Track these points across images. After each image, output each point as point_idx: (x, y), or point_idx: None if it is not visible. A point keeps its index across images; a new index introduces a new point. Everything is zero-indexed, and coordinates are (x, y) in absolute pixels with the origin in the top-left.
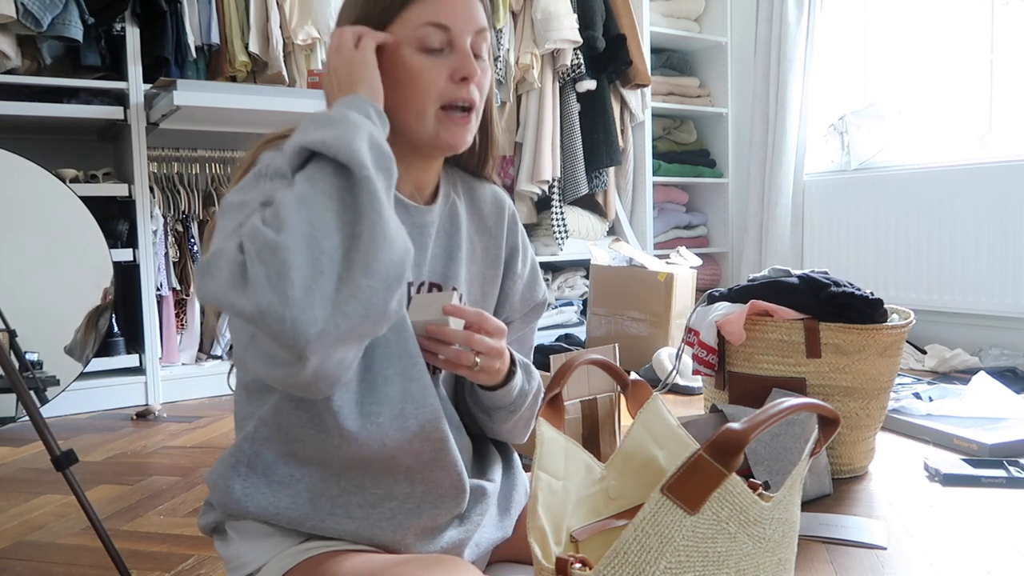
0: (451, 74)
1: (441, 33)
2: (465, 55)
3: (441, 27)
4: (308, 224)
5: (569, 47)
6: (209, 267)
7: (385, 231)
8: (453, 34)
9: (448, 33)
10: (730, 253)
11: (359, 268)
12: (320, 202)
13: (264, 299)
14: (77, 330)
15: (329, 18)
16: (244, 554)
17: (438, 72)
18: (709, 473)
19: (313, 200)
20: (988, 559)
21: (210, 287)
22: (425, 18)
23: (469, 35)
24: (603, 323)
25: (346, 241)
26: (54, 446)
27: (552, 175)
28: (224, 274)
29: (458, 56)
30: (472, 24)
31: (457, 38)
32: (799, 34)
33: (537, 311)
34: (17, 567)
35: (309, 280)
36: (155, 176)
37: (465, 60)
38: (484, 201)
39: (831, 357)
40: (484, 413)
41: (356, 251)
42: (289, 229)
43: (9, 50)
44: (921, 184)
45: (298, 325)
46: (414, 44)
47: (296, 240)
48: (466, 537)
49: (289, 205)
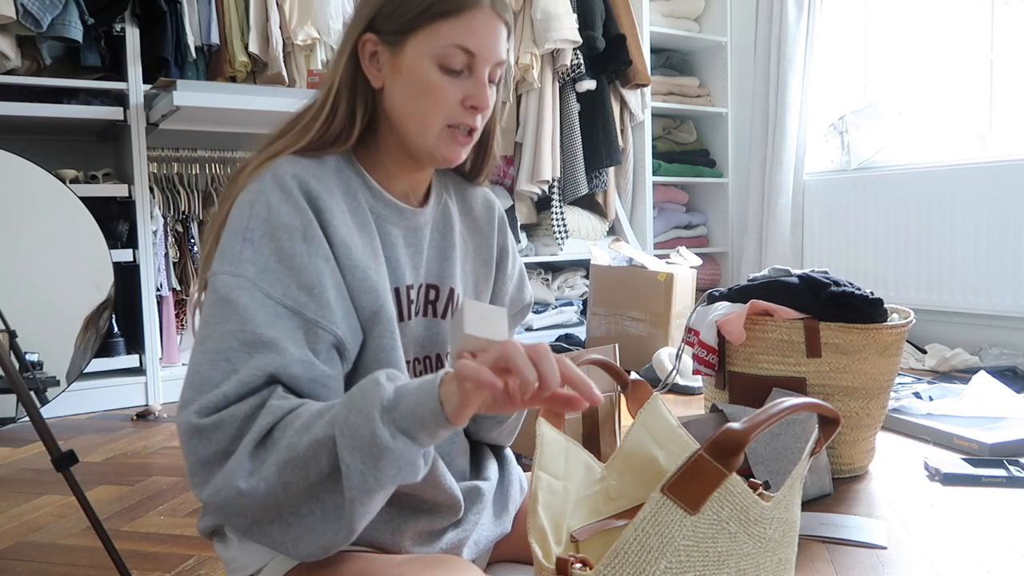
0: (464, 98)
1: (465, 57)
2: (482, 85)
3: (467, 52)
4: (281, 486)
5: (569, 47)
6: (200, 431)
7: (339, 525)
8: (476, 61)
9: (472, 59)
10: (730, 253)
11: (297, 536)
12: (305, 477)
13: (213, 500)
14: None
15: (329, 18)
16: (244, 556)
17: (452, 93)
18: (709, 473)
19: (301, 472)
20: (988, 559)
21: (192, 449)
22: (454, 39)
23: (490, 65)
24: (603, 323)
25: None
26: (54, 447)
27: (552, 175)
28: (202, 452)
29: (475, 84)
30: (495, 55)
31: (479, 66)
32: (799, 34)
33: (523, 313)
34: (17, 567)
35: (253, 511)
36: (155, 176)
37: (481, 90)
38: (475, 202)
39: (831, 357)
40: (472, 422)
41: (307, 519)
42: (262, 483)
43: (9, 51)
44: (921, 184)
45: (230, 522)
46: (436, 60)
47: (259, 494)
48: (464, 537)
49: (273, 464)
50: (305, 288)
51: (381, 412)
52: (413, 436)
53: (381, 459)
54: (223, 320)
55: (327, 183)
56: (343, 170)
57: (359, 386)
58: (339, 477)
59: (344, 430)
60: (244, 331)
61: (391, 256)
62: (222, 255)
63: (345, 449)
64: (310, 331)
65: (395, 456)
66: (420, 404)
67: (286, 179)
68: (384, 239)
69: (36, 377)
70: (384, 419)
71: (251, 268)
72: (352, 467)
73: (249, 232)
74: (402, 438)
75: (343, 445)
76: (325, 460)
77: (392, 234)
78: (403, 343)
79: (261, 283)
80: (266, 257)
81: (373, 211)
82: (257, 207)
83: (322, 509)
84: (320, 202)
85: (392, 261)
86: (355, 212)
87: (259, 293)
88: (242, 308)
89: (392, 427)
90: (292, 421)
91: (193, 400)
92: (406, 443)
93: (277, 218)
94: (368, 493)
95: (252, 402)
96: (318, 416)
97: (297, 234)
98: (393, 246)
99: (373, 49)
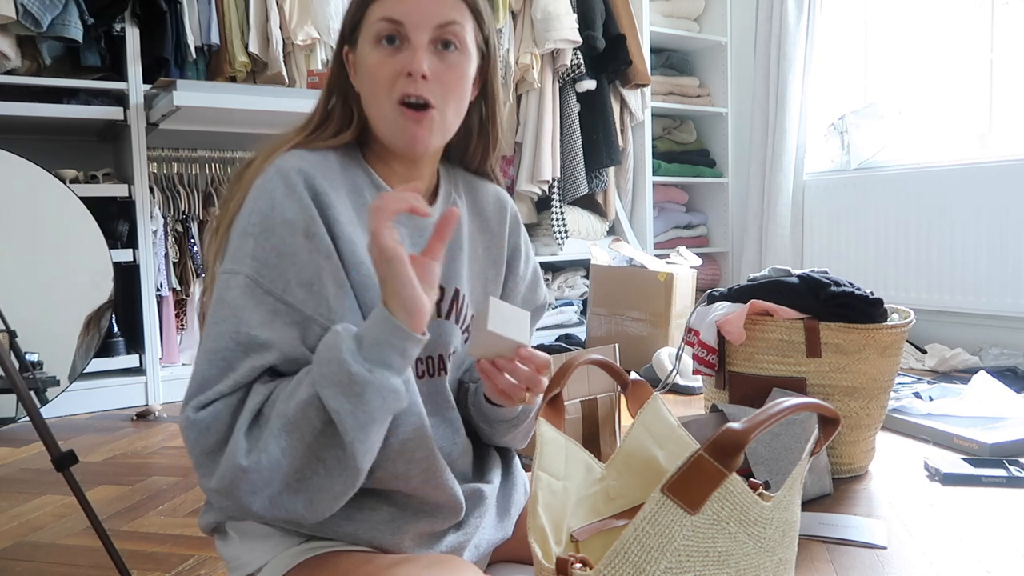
0: (401, 68)
1: (393, 27)
2: (416, 49)
3: (393, 21)
4: (280, 453)
5: (569, 47)
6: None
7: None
8: (407, 28)
9: (402, 27)
10: (730, 253)
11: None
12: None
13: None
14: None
15: (329, 18)
16: (245, 554)
17: (390, 67)
18: (709, 473)
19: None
20: (988, 559)
21: (193, 442)
22: (381, 13)
23: (427, 30)
24: (603, 323)
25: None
26: (54, 447)
27: (552, 175)
28: (204, 444)
29: (409, 51)
30: (432, 18)
31: (411, 33)
32: (799, 34)
33: (538, 314)
34: (17, 567)
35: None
36: (155, 176)
37: (414, 55)
38: (486, 201)
39: (831, 357)
40: (487, 424)
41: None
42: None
43: (9, 51)
44: (921, 184)
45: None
46: (371, 39)
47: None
48: (465, 540)
49: (269, 436)
50: (304, 284)
51: (350, 354)
52: (387, 364)
53: (364, 393)
54: (221, 320)
55: (332, 180)
56: (348, 167)
57: (323, 342)
58: (333, 431)
59: (323, 382)
60: (239, 332)
61: None
62: (226, 252)
63: (330, 398)
64: (307, 328)
65: (376, 387)
66: (381, 331)
67: (291, 174)
68: None
69: (36, 377)
70: (355, 359)
71: (251, 263)
72: (341, 411)
73: (251, 227)
74: (378, 370)
75: (327, 396)
76: (316, 417)
77: (398, 233)
78: None
79: (261, 279)
80: (267, 252)
81: None
82: (260, 202)
83: (325, 467)
84: (325, 198)
85: None
86: (360, 209)
87: (258, 290)
88: (239, 308)
89: (366, 363)
90: (278, 395)
91: (192, 398)
92: (383, 373)
93: (280, 213)
94: (363, 430)
95: (243, 392)
96: (299, 382)
97: (299, 230)
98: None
99: (351, 59)
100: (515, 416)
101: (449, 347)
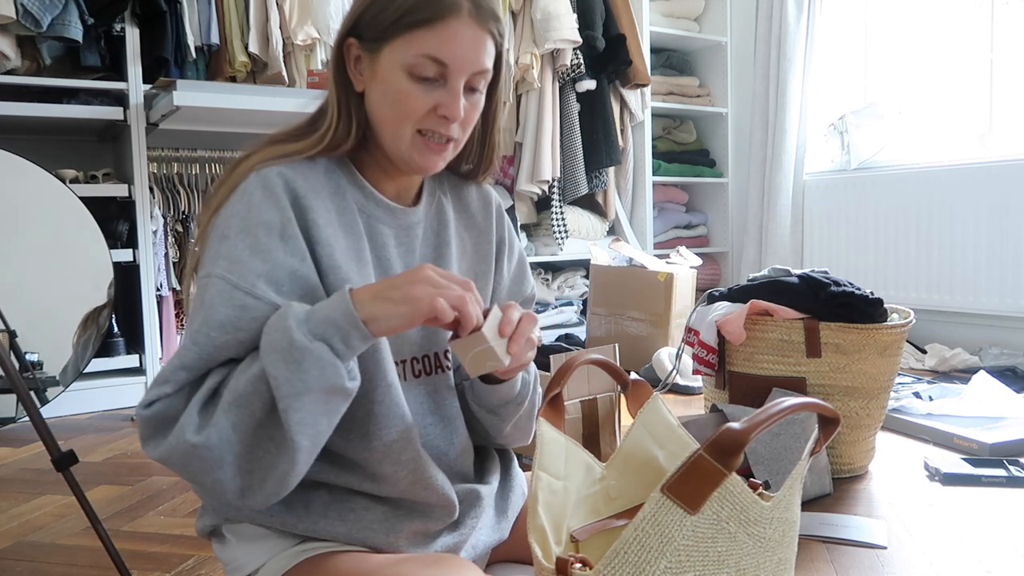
0: (436, 107)
1: (437, 67)
2: (455, 95)
3: (438, 62)
4: (230, 428)
5: (569, 47)
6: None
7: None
8: (449, 71)
9: (444, 69)
10: (730, 253)
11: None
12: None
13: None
14: (77, 331)
15: (329, 18)
16: (241, 556)
17: (423, 102)
18: (709, 473)
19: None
20: (988, 559)
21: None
22: (426, 49)
23: (465, 75)
24: (603, 323)
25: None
26: (54, 447)
27: (552, 175)
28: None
29: (448, 93)
30: (472, 65)
31: (452, 76)
32: (799, 34)
33: (525, 306)
34: (17, 567)
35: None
36: (155, 176)
37: (453, 100)
38: (471, 197)
39: (831, 357)
40: (492, 412)
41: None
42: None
43: (9, 50)
44: (921, 184)
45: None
46: (407, 69)
47: (211, 443)
48: (461, 541)
49: (221, 411)
50: (274, 283)
51: (296, 322)
52: (328, 341)
53: (303, 361)
54: (190, 323)
55: (314, 183)
56: (333, 170)
57: (275, 314)
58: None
59: (267, 349)
60: (204, 333)
61: (382, 256)
62: (203, 258)
63: (271, 365)
64: None
65: (315, 356)
66: (333, 310)
67: (271, 177)
68: (375, 239)
69: (36, 377)
70: (299, 327)
71: (223, 263)
72: (278, 376)
73: (228, 230)
74: (318, 342)
75: (268, 363)
76: (266, 391)
77: (383, 233)
78: (399, 342)
79: (230, 275)
80: (239, 251)
81: (363, 211)
82: (239, 205)
83: (275, 446)
84: (305, 201)
85: (383, 261)
86: (342, 213)
87: (227, 286)
88: (206, 307)
89: (309, 334)
90: (232, 375)
91: (147, 394)
92: (322, 347)
93: (256, 215)
94: (297, 397)
95: (199, 382)
96: (252, 359)
97: (275, 231)
98: (384, 246)
99: (357, 54)
100: (517, 393)
101: (444, 345)
